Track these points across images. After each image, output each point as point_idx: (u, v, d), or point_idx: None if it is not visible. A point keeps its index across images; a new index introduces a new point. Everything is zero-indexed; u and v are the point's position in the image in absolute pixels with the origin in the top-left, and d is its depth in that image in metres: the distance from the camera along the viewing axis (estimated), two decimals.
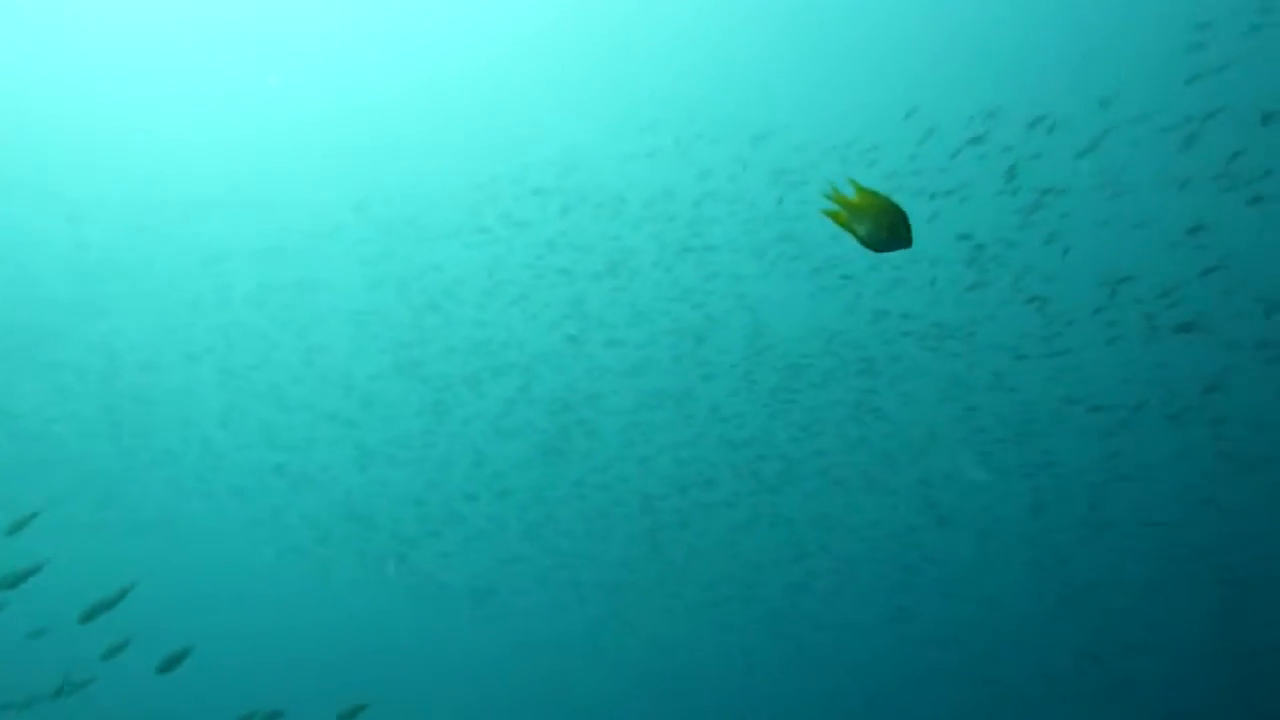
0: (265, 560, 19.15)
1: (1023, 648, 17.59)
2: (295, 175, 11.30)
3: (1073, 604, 16.07)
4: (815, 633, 18.61)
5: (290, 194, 11.53)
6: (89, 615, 6.38)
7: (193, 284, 12.83)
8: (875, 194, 3.04)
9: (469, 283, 12.48)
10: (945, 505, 14.92)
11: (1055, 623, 16.67)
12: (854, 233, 3.09)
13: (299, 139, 10.88)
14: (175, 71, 10.14)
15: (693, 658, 20.29)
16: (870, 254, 11.76)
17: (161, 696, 23.55)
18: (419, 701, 23.49)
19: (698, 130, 10.48)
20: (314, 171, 11.24)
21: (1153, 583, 15.53)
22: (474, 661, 21.77)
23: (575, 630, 19.95)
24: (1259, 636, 16.22)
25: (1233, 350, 11.56)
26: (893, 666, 19.05)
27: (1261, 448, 13.00)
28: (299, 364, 14.13)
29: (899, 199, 11.11)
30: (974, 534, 15.36)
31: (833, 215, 3.08)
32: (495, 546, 17.60)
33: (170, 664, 6.61)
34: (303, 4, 9.47)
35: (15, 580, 6.29)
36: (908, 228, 3.01)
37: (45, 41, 9.79)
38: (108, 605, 6.41)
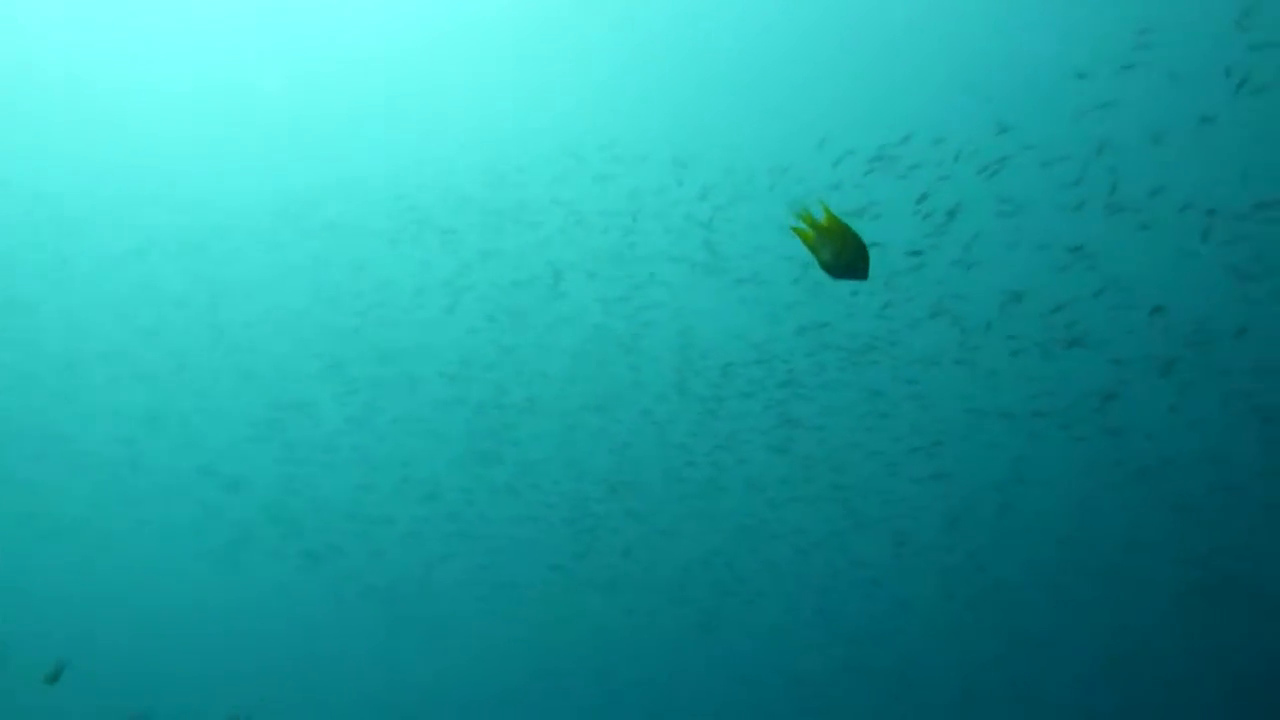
0: (187, 562, 18.83)
1: (936, 648, 18.32)
2: (218, 174, 11.29)
3: (981, 607, 16.84)
4: (741, 635, 19.07)
5: (214, 193, 11.52)
6: None
7: (114, 281, 12.67)
8: (844, 224, 3.20)
9: (397, 286, 12.60)
10: (863, 512, 15.50)
11: (965, 624, 17.44)
12: (817, 254, 3.25)
13: (221, 137, 10.89)
14: (95, 61, 10.09)
15: (622, 660, 20.56)
16: (794, 269, 12.26)
17: (69, 705, 22.89)
18: (343, 707, 23.26)
19: (625, 148, 10.81)
20: (237, 171, 11.25)
21: (1057, 586, 16.36)
22: (399, 665, 21.68)
23: (504, 632, 20.06)
24: (1158, 639, 17.19)
25: (1124, 366, 12.35)
26: (814, 666, 19.63)
27: (1153, 458, 13.85)
28: (223, 364, 14.03)
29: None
30: (891, 539, 15.98)
31: (800, 234, 3.24)
32: (424, 549, 17.63)
33: (54, 675, 6.53)
34: (230, 3, 9.54)
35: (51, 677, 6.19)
36: (866, 263, 3.21)
37: None
38: None
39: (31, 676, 21.75)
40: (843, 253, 3.18)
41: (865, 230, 11.43)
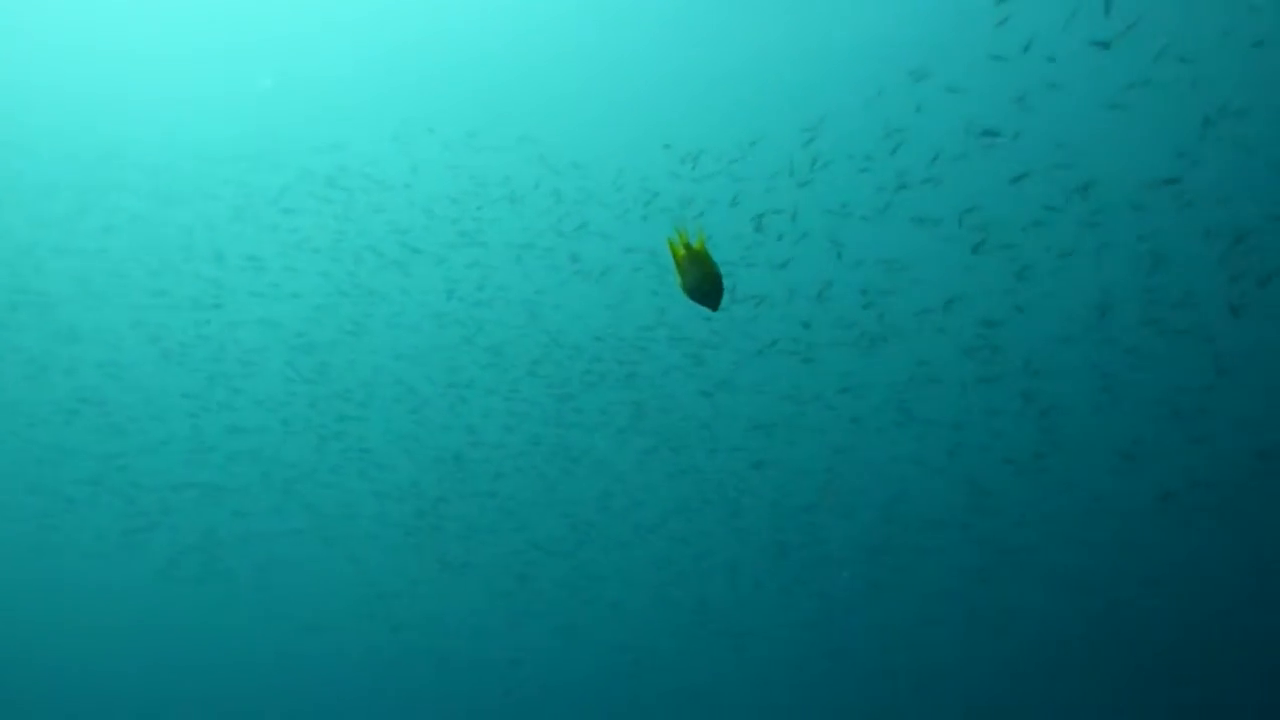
0: (23, 546, 17.73)
1: (761, 618, 19.68)
2: (41, 127, 10.80)
3: (803, 581, 18.26)
4: (586, 609, 19.78)
5: (35, 145, 10.99)
6: None
7: None
8: (710, 258, 3.48)
9: (232, 256, 12.38)
10: (702, 492, 16.48)
11: (788, 597, 18.84)
12: (679, 274, 3.51)
13: (46, 87, 10.43)
14: None
15: (464, 641, 20.86)
16: (638, 260, 12.91)
17: None
18: (173, 684, 22.48)
19: (482, 138, 11.10)
20: (60, 124, 10.79)
21: (870, 560, 17.95)
22: (230, 642, 21.17)
23: (344, 610, 19.95)
24: (953, 608, 19.13)
25: (927, 361, 13.75)
26: (655, 640, 20.62)
27: (954, 442, 15.43)
28: (42, 326, 13.35)
29: (660, 221, 12.35)
30: (726, 518, 17.05)
31: (672, 249, 3.50)
32: (261, 524, 17.32)
33: None
34: None
35: None
36: (718, 298, 3.59)
37: None
38: None
39: None
40: (702, 283, 3.50)
41: (696, 227, 12.20)
